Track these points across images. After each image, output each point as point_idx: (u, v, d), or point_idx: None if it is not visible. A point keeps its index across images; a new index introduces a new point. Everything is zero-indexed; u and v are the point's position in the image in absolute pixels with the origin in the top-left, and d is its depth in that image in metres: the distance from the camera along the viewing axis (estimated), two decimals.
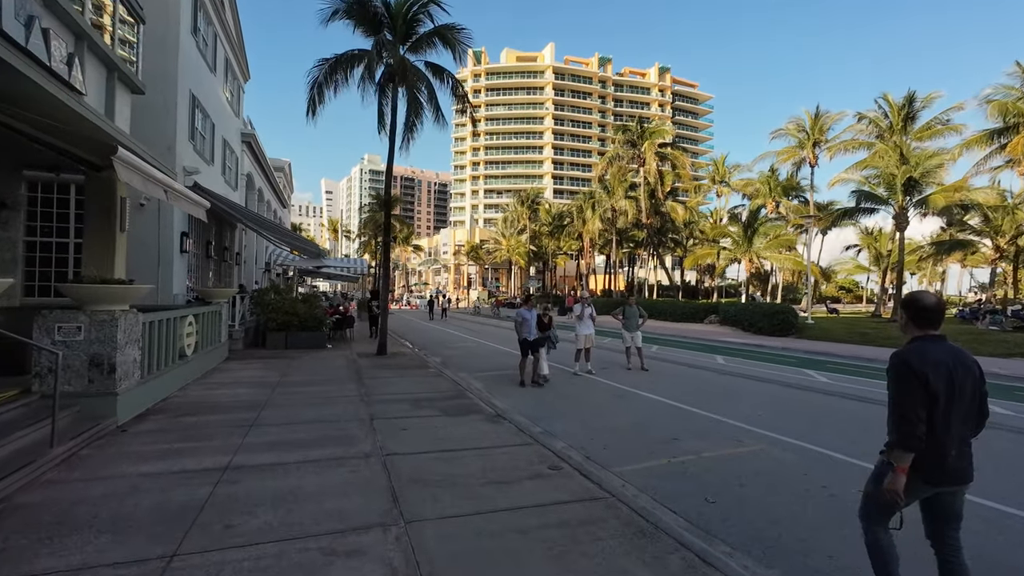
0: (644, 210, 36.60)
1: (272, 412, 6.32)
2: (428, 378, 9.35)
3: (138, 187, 6.25)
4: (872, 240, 41.68)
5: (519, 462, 4.66)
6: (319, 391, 7.76)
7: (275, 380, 8.53)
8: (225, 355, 11.01)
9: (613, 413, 7.28)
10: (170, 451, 4.67)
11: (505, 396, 8.25)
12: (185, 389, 7.54)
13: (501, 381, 9.77)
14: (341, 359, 11.65)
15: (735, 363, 13.09)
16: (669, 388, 9.12)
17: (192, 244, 14.01)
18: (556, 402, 7.99)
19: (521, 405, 7.58)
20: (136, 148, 7.63)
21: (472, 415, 6.53)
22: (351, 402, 7.05)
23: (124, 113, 9.23)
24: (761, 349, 16.51)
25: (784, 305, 22.98)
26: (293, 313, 13.31)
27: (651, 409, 7.53)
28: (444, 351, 14.90)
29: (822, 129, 33.12)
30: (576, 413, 7.26)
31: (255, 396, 7.22)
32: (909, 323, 2.45)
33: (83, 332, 5.31)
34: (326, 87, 12.00)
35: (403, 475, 4.23)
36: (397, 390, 8.06)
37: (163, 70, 11.98)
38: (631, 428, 6.45)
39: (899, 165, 22.88)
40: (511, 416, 6.54)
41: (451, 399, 7.49)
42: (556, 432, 6.07)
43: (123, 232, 9.34)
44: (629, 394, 8.58)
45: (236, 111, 19.23)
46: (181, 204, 8.04)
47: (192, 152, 13.40)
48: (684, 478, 4.67)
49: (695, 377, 10.76)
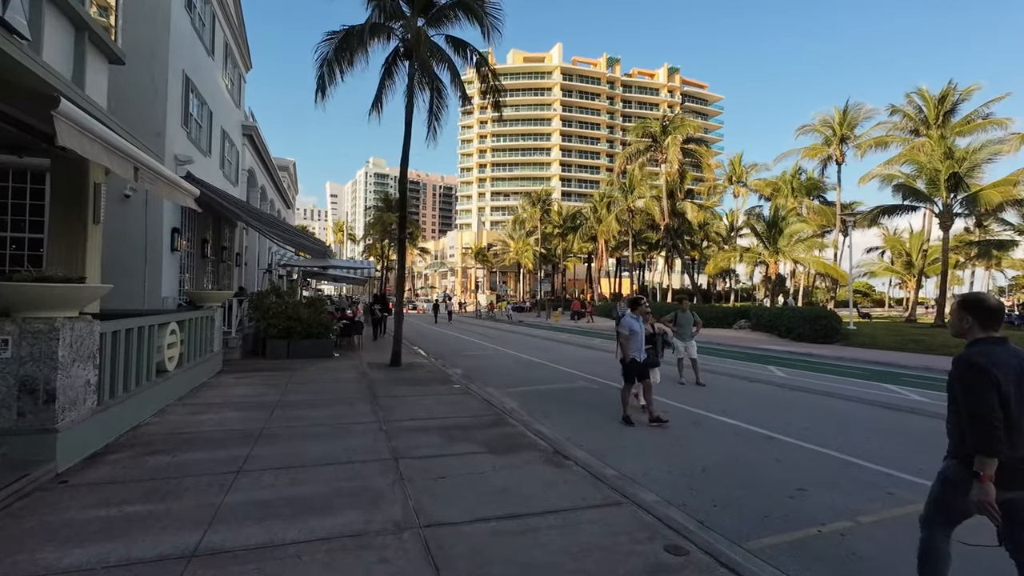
0: (664, 210, 35.08)
1: (267, 448, 4.90)
2: (454, 396, 7.91)
3: (98, 159, 4.87)
4: (897, 241, 40.00)
5: (619, 539, 3.22)
6: (327, 415, 6.34)
7: (274, 399, 7.12)
8: (218, 367, 9.63)
9: (695, 445, 5.81)
10: (118, 521, 3.26)
11: (550, 420, 6.81)
12: (163, 413, 6.14)
13: (539, 399, 8.33)
14: (350, 371, 10.24)
15: (796, 375, 11.58)
16: (744, 410, 7.63)
17: (186, 242, 12.68)
18: (615, 428, 6.54)
19: (575, 434, 6.13)
20: (107, 120, 6.28)
21: (524, 451, 5.09)
22: (367, 432, 5.62)
23: (99, 84, 7.89)
24: (812, 358, 14.98)
25: (825, 309, 21.43)
26: (296, 318, 11.92)
27: (740, 441, 6.05)
28: (463, 361, 13.47)
29: (851, 124, 31.62)
30: (648, 445, 5.81)
31: (248, 423, 5.81)
32: (974, 325, 2.39)
33: (10, 347, 3.92)
34: (336, 65, 10.63)
35: (458, 568, 2.80)
36: (421, 413, 6.63)
37: (152, 45, 10.68)
38: (732, 470, 4.98)
39: (943, 159, 21.32)
40: (571, 452, 5.10)
41: (490, 426, 6.06)
42: (636, 476, 4.63)
43: (97, 224, 7.97)
44: (703, 419, 7.09)
45: (237, 101, 17.95)
46: (161, 189, 6.66)
47: (185, 140, 12.08)
48: (864, 565, 3.21)
49: (762, 394, 9.26)
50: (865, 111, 31.37)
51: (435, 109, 12.16)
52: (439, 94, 12.10)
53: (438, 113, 12.21)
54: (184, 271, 12.65)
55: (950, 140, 22.70)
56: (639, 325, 6.90)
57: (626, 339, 6.76)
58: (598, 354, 15.43)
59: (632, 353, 6.71)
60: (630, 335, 6.77)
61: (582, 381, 10.18)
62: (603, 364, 12.89)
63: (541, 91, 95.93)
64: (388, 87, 11.93)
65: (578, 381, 10.20)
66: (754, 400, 8.55)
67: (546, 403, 8.04)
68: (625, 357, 6.75)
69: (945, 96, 26.43)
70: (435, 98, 12.02)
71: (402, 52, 11.20)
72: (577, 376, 10.80)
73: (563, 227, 50.23)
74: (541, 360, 13.67)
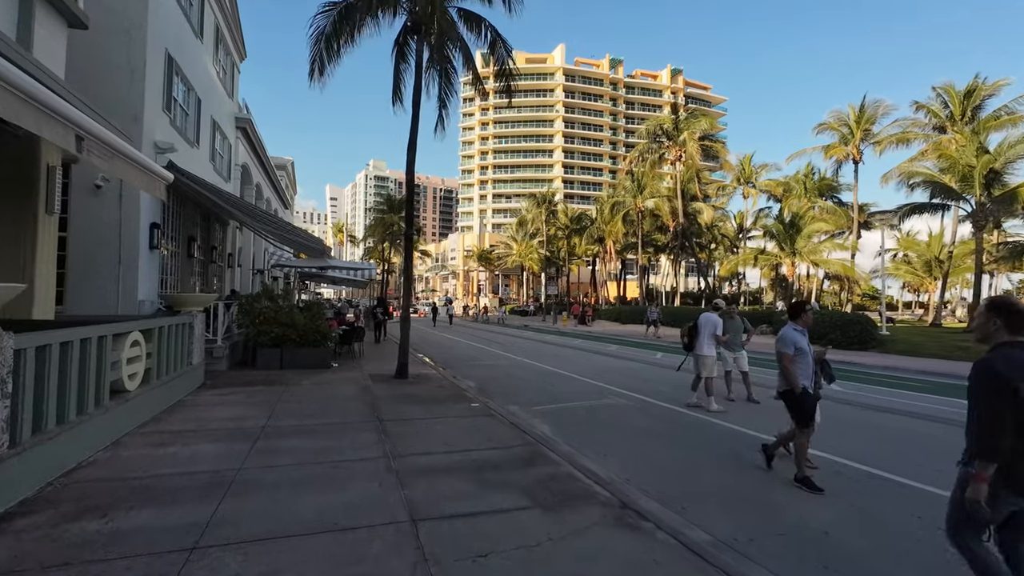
0: (677, 209, 33.84)
1: (240, 504, 3.66)
2: (474, 419, 6.66)
3: (18, 120, 3.67)
4: (914, 243, 38.82)
5: None
6: (321, 448, 5.09)
7: (258, 425, 5.88)
8: (199, 381, 8.39)
9: (812, 497, 4.55)
10: None
11: (597, 451, 5.57)
12: (117, 446, 4.90)
13: (573, 421, 7.09)
14: (351, 385, 9.00)
15: (853, 389, 10.33)
16: (832, 439, 6.39)
17: (170, 240, 11.46)
18: (674, 461, 5.30)
19: (633, 471, 4.90)
20: (53, 85, 5.08)
21: (581, 504, 3.86)
22: (373, 473, 4.38)
23: (54, 50, 6.69)
24: (855, 368, 13.73)
25: (859, 314, 20.20)
26: (290, 325, 10.68)
27: (869, 491, 4.80)
28: (475, 371, 12.23)
29: (869, 121, 30.49)
30: (744, 495, 4.57)
31: (221, 461, 4.57)
32: (1002, 328, 2.33)
33: None
34: (335, 40, 9.43)
35: None
36: (438, 444, 5.39)
37: (128, 18, 9.50)
38: (893, 546, 3.74)
39: (979, 154, 20.14)
40: (643, 505, 3.87)
41: (526, 463, 4.82)
42: (758, 556, 3.38)
43: (51, 215, 6.78)
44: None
45: (229, 91, 16.78)
46: (121, 170, 5.44)
47: (168, 126, 10.89)
48: None
49: (836, 416, 7.88)
50: (884, 107, 30.25)
51: (443, 95, 10.98)
52: (448, 79, 10.93)
53: (446, 99, 11.04)
54: (167, 272, 11.43)
55: (983, 136, 21.54)
56: (806, 341, 4.92)
57: (791, 361, 4.73)
58: (620, 363, 14.21)
59: (802, 381, 4.70)
60: (796, 355, 4.78)
61: (614, 396, 8.94)
62: (629, 375, 11.69)
63: (543, 92, 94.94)
64: (404, 70, 10.77)
65: (609, 396, 8.96)
66: (832, 424, 7.30)
67: (583, 427, 6.80)
68: (794, 387, 4.67)
69: (972, 91, 25.31)
70: (444, 83, 10.84)
71: (410, 27, 10.02)
72: (605, 390, 9.57)
73: (568, 229, 49.03)
74: (559, 370, 12.44)
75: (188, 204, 12.32)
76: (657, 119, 36.41)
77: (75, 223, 9.25)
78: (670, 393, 9.20)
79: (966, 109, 25.71)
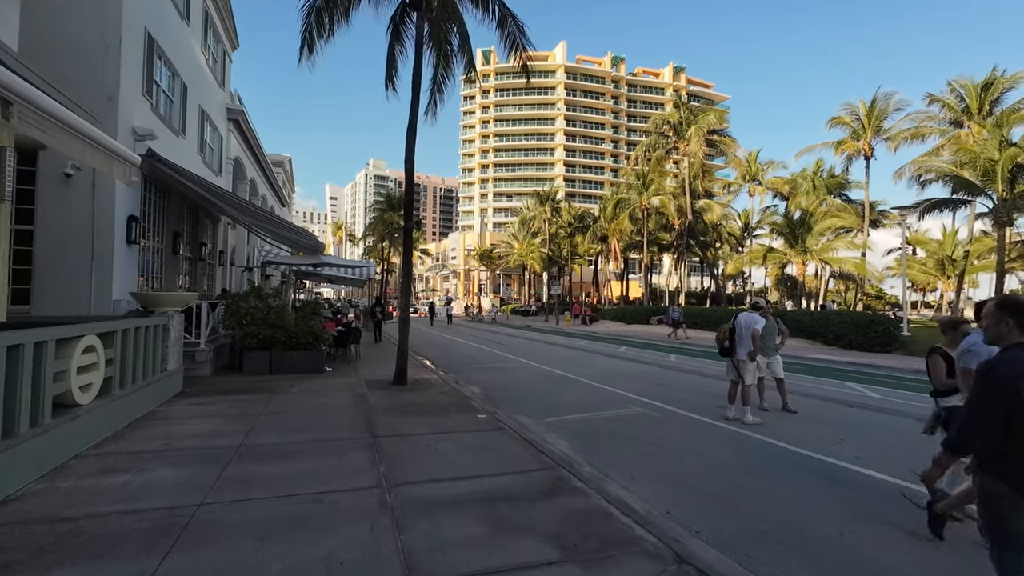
0: (685, 207, 33.02)
1: (191, 557, 2.85)
2: (481, 434, 5.86)
3: None
4: (924, 241, 38.01)
5: None
6: (303, 473, 4.29)
7: (232, 444, 5.07)
8: (176, 389, 7.59)
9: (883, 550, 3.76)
10: None
11: (627, 475, 4.77)
12: (61, 472, 4.10)
13: (594, 436, 6.28)
14: (344, 392, 8.19)
15: (889, 396, 9.54)
16: (901, 459, 5.61)
17: (152, 236, 10.66)
18: (731, 492, 4.50)
19: (674, 503, 4.11)
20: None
21: (623, 557, 3.05)
22: (363, 511, 3.58)
23: (5, 18, 5.89)
24: (882, 371, 12.93)
25: (881, 315, 19.39)
26: (279, 326, 9.88)
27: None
28: (479, 375, 11.42)
29: (880, 116, 29.66)
30: (812, 535, 3.77)
31: (179, 493, 3.77)
32: (1014, 328, 2.20)
33: None
34: (327, 13, 8.63)
35: None
36: (441, 468, 4.58)
37: None
38: None
39: (1004, 147, 19.33)
40: (701, 556, 3.07)
41: (548, 494, 4.02)
42: None
43: (2, 204, 5.99)
44: (844, 475, 5.04)
45: (220, 81, 15.98)
46: (71, 147, 4.66)
47: (149, 112, 10.10)
48: None
49: (891, 429, 7.19)
50: (896, 101, 29.43)
51: (439, 78, 10.14)
52: (446, 59, 10.10)
53: (443, 82, 10.21)
54: (150, 270, 10.64)
55: (1006, 129, 20.73)
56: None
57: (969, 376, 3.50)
58: (632, 366, 13.41)
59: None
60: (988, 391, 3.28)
61: (634, 405, 8.13)
62: (644, 379, 10.90)
63: (544, 90, 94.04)
64: (399, 52, 9.97)
65: (629, 405, 8.15)
66: (892, 441, 6.50)
67: (604, 442, 6.00)
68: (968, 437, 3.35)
69: (989, 84, 24.52)
70: (441, 64, 10.00)
71: (409, 3, 9.21)
72: (625, 398, 8.76)
73: (571, 227, 48.19)
74: (569, 374, 11.63)
75: (173, 197, 11.52)
76: (664, 114, 35.62)
77: (43, 215, 8.45)
78: (693, 401, 8.41)
79: (983, 103, 24.90)
